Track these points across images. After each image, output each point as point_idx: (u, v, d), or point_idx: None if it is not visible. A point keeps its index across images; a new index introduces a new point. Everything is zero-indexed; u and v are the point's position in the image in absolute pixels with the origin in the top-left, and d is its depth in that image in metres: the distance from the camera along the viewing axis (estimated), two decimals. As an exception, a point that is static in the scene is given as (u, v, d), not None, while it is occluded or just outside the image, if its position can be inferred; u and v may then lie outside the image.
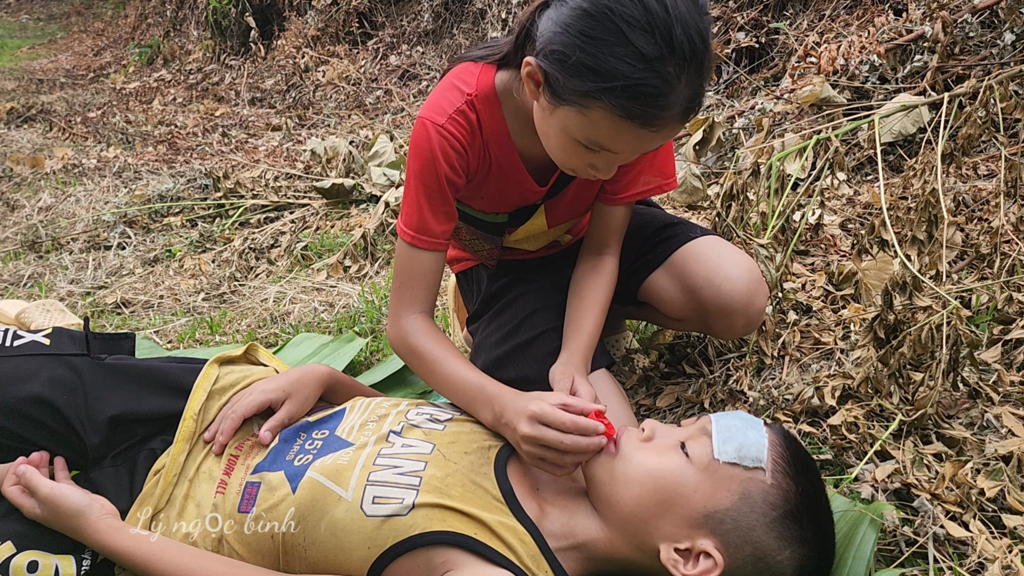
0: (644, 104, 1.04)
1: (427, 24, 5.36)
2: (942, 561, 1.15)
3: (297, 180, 3.40)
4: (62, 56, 8.47)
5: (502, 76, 1.30)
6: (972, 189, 2.22)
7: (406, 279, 1.35)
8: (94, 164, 4.06)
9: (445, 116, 1.28)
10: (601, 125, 1.09)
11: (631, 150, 1.15)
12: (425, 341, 1.32)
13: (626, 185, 1.44)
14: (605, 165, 1.19)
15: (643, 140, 1.11)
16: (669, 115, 1.07)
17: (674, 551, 1.02)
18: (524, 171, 1.38)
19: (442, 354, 1.30)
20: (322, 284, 2.47)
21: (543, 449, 1.12)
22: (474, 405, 1.25)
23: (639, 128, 1.07)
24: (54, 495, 1.11)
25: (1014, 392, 1.47)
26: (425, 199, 1.31)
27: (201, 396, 1.25)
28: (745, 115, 2.89)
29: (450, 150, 1.28)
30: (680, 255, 1.48)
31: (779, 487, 1.01)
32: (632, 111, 1.05)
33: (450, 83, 1.32)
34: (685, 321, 1.53)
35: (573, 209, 1.52)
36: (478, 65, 1.32)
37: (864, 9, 3.22)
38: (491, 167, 1.37)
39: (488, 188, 1.41)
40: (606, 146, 1.12)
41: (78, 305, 2.47)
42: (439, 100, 1.31)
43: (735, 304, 1.41)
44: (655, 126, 1.07)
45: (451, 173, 1.30)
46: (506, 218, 1.49)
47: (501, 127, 1.32)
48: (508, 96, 1.30)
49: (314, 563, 1.08)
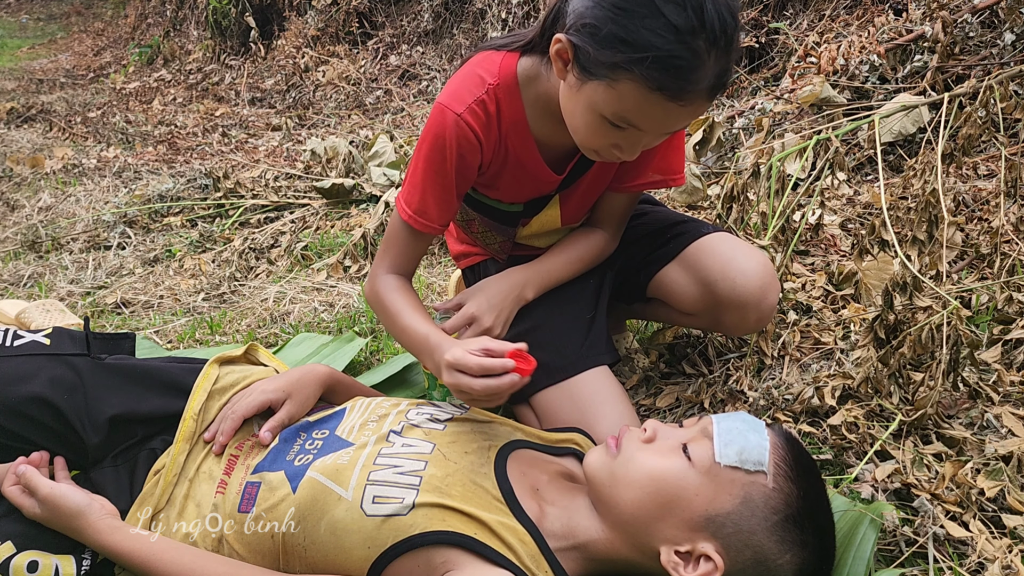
0: (674, 76, 1.06)
1: (427, 24, 5.36)
2: (942, 561, 1.15)
3: (297, 180, 3.40)
4: (62, 56, 8.47)
5: (524, 63, 1.32)
6: (972, 189, 2.22)
7: (392, 246, 1.42)
8: (94, 164, 4.06)
9: (464, 106, 1.30)
10: (630, 99, 1.10)
11: (658, 127, 1.15)
12: (393, 295, 1.39)
13: (634, 176, 1.46)
14: (630, 145, 1.20)
15: (671, 115, 1.12)
16: (698, 90, 1.08)
17: (674, 554, 1.02)
18: (540, 160, 1.39)
19: (403, 307, 1.37)
20: (322, 284, 2.47)
21: (464, 393, 1.18)
22: (421, 355, 1.32)
23: (668, 102, 1.09)
24: (54, 495, 1.11)
25: (1014, 392, 1.47)
26: (429, 184, 1.34)
27: (201, 396, 1.25)
28: (745, 115, 2.89)
29: (464, 140, 1.31)
30: (694, 249, 1.49)
31: (781, 491, 1.01)
32: (662, 83, 1.06)
33: (472, 71, 1.33)
34: (695, 316, 1.54)
35: (586, 201, 1.53)
36: (500, 53, 1.34)
37: (864, 9, 3.22)
38: (508, 156, 1.39)
39: (504, 177, 1.42)
40: (633, 122, 1.14)
41: (78, 305, 2.47)
42: (459, 88, 1.32)
43: (749, 297, 1.42)
44: (684, 100, 1.09)
45: (460, 164, 1.32)
46: (521, 208, 1.50)
47: (520, 116, 1.34)
48: (529, 84, 1.32)
49: (314, 563, 1.08)
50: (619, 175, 1.48)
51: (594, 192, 1.51)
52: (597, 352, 1.48)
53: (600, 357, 1.47)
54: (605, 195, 1.52)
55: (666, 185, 1.48)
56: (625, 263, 1.60)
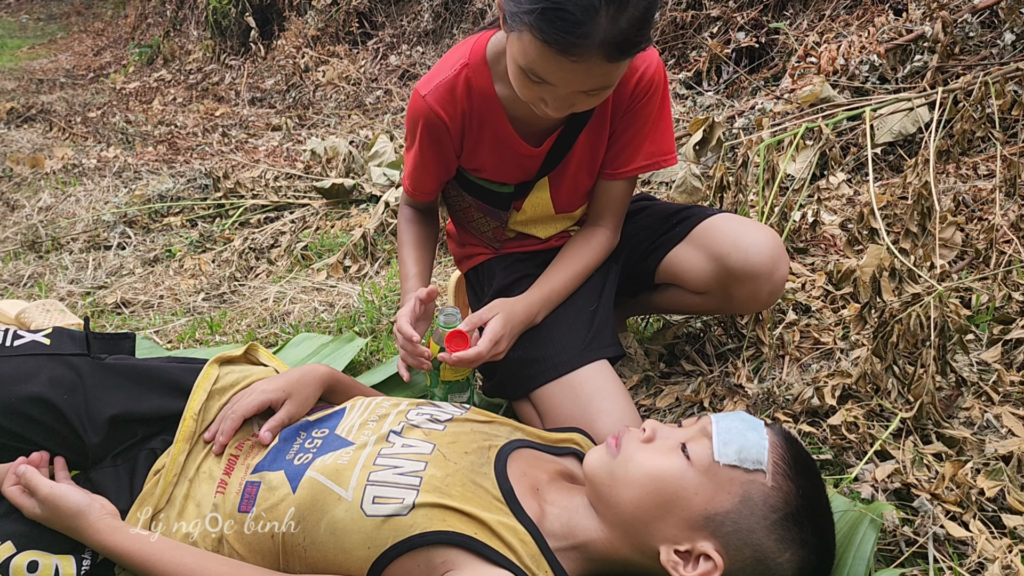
0: (560, 29, 1.10)
1: (427, 24, 5.36)
2: (942, 561, 1.15)
3: (297, 180, 3.40)
4: (62, 56, 8.47)
5: (494, 39, 1.39)
6: (972, 189, 2.22)
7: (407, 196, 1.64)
8: (94, 164, 4.06)
9: (428, 88, 1.42)
10: (530, 51, 1.16)
11: (563, 82, 1.19)
12: (403, 225, 1.65)
13: (625, 160, 1.49)
14: (553, 100, 1.24)
15: (566, 70, 1.16)
16: (587, 45, 1.11)
17: (674, 553, 1.02)
18: (513, 133, 1.44)
19: (403, 240, 1.62)
20: (322, 284, 2.47)
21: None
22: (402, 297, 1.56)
23: (559, 56, 1.13)
24: (54, 495, 1.11)
25: (1014, 392, 1.47)
26: (411, 158, 1.52)
27: (201, 396, 1.25)
28: (745, 115, 2.89)
29: (430, 120, 1.43)
30: (702, 228, 1.52)
31: (780, 489, 1.01)
32: (549, 36, 1.11)
33: (452, 52, 1.45)
34: (707, 296, 1.54)
35: (577, 185, 1.55)
36: (478, 34, 1.42)
37: (864, 9, 3.22)
38: (483, 131, 1.45)
39: (483, 152, 1.48)
40: (539, 75, 1.18)
41: (78, 305, 2.47)
42: (434, 71, 1.44)
43: (762, 268, 1.43)
44: (574, 55, 1.12)
45: (431, 140, 1.46)
46: (512, 189, 1.54)
47: (490, 91, 1.40)
48: (498, 59, 1.39)
49: (314, 563, 1.08)
50: (611, 160, 1.50)
51: (584, 176, 1.53)
52: (599, 346, 1.48)
53: (602, 351, 1.48)
54: (601, 185, 1.54)
55: (659, 166, 1.50)
56: (631, 252, 1.61)
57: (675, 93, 3.52)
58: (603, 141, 1.48)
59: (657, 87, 1.43)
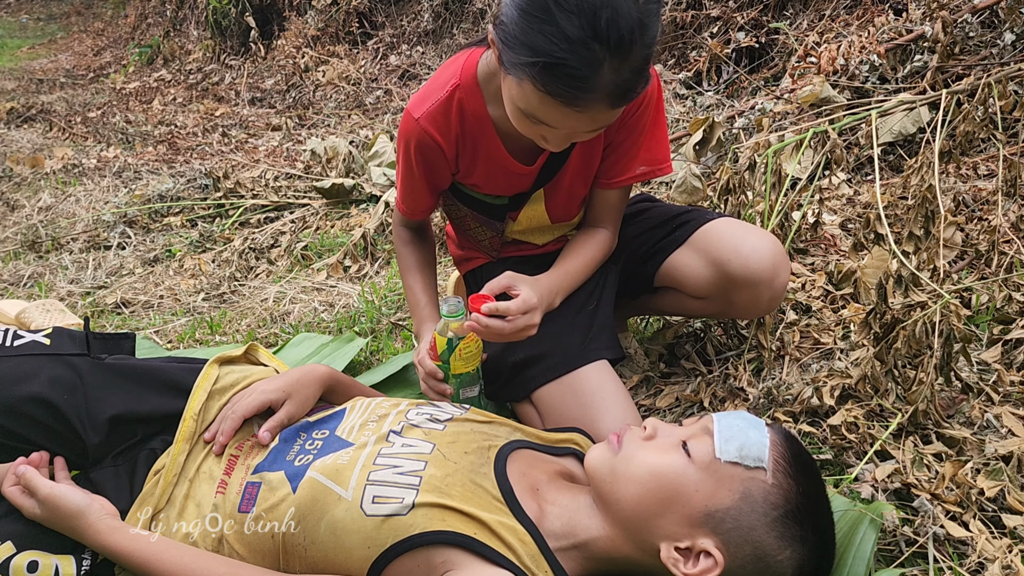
0: (564, 84, 1.09)
1: (427, 24, 5.36)
2: (942, 561, 1.15)
3: (297, 180, 3.40)
4: (62, 56, 8.47)
5: (485, 59, 1.37)
6: (972, 189, 2.22)
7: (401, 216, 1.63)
8: (94, 164, 4.06)
9: (422, 110, 1.40)
10: (532, 99, 1.14)
11: (566, 127, 1.19)
12: (401, 249, 1.65)
13: (621, 170, 1.48)
14: (553, 137, 1.23)
15: (571, 119, 1.15)
16: (592, 97, 1.10)
17: (674, 550, 1.02)
18: (505, 153, 1.43)
19: (406, 266, 1.63)
20: (322, 284, 2.47)
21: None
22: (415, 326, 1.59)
23: (563, 107, 1.12)
24: (54, 495, 1.11)
25: (1014, 392, 1.47)
26: (402, 179, 1.52)
27: (201, 396, 1.25)
28: (745, 115, 2.89)
29: (424, 143, 1.41)
30: (703, 233, 1.51)
31: (780, 487, 1.01)
32: (553, 89, 1.10)
33: (441, 71, 1.42)
34: (707, 301, 1.54)
35: (572, 196, 1.54)
36: (468, 52, 1.40)
37: (864, 9, 3.22)
38: (477, 150, 1.44)
39: (478, 170, 1.47)
40: (540, 119, 1.17)
41: (78, 305, 2.47)
42: (425, 91, 1.42)
43: (762, 274, 1.43)
44: (579, 106, 1.12)
45: (423, 162, 1.45)
46: (507, 200, 1.53)
47: (482, 111, 1.39)
48: (490, 79, 1.36)
49: (314, 563, 1.08)
50: (607, 171, 1.49)
51: (579, 188, 1.52)
52: (600, 346, 1.48)
53: (602, 352, 1.47)
54: (597, 193, 1.53)
55: (654, 175, 1.50)
56: (631, 255, 1.61)
57: (675, 93, 3.53)
58: (597, 154, 1.47)
59: (652, 99, 1.42)
